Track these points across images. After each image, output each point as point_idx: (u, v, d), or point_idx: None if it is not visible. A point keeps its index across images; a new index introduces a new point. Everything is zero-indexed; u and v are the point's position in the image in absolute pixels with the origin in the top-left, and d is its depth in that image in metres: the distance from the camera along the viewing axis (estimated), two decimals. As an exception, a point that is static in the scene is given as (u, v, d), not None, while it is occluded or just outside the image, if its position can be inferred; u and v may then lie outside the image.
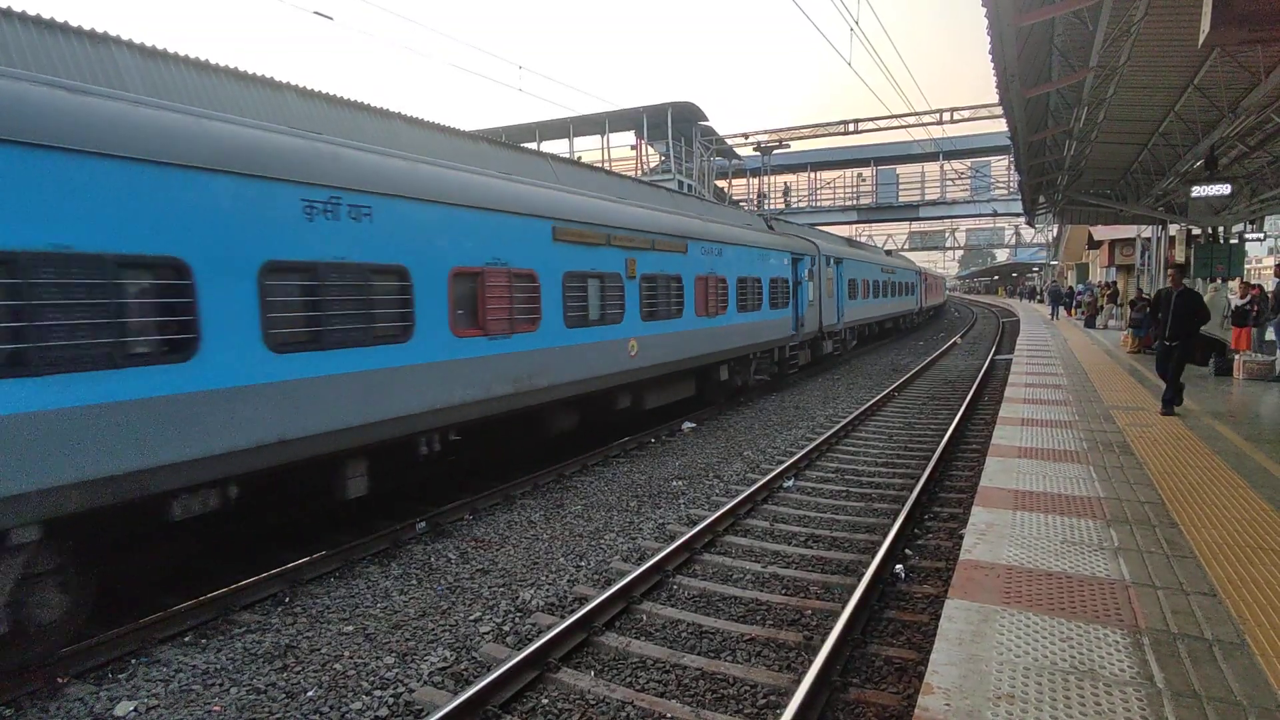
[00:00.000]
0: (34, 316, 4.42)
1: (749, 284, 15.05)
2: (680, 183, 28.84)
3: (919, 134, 32.69)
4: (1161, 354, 9.69)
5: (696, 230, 13.10)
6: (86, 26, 7.61)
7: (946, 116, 32.26)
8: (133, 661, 4.99)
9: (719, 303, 13.62)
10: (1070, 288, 39.10)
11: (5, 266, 4.31)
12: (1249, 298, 13.93)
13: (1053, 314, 32.68)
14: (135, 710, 4.38)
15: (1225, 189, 14.73)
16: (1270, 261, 44.81)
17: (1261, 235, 24.78)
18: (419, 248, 7.14)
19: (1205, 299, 14.38)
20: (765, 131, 37.14)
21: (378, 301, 6.67)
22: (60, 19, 7.41)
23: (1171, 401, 9.38)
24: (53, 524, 4.60)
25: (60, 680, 4.71)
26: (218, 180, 5.46)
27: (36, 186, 4.50)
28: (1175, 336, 9.39)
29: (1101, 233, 32.51)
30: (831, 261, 20.78)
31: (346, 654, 5.02)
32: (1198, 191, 14.77)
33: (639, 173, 30.48)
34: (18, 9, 7.13)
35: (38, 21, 7.27)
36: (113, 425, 4.79)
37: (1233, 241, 19.84)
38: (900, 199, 41.71)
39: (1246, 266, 23.33)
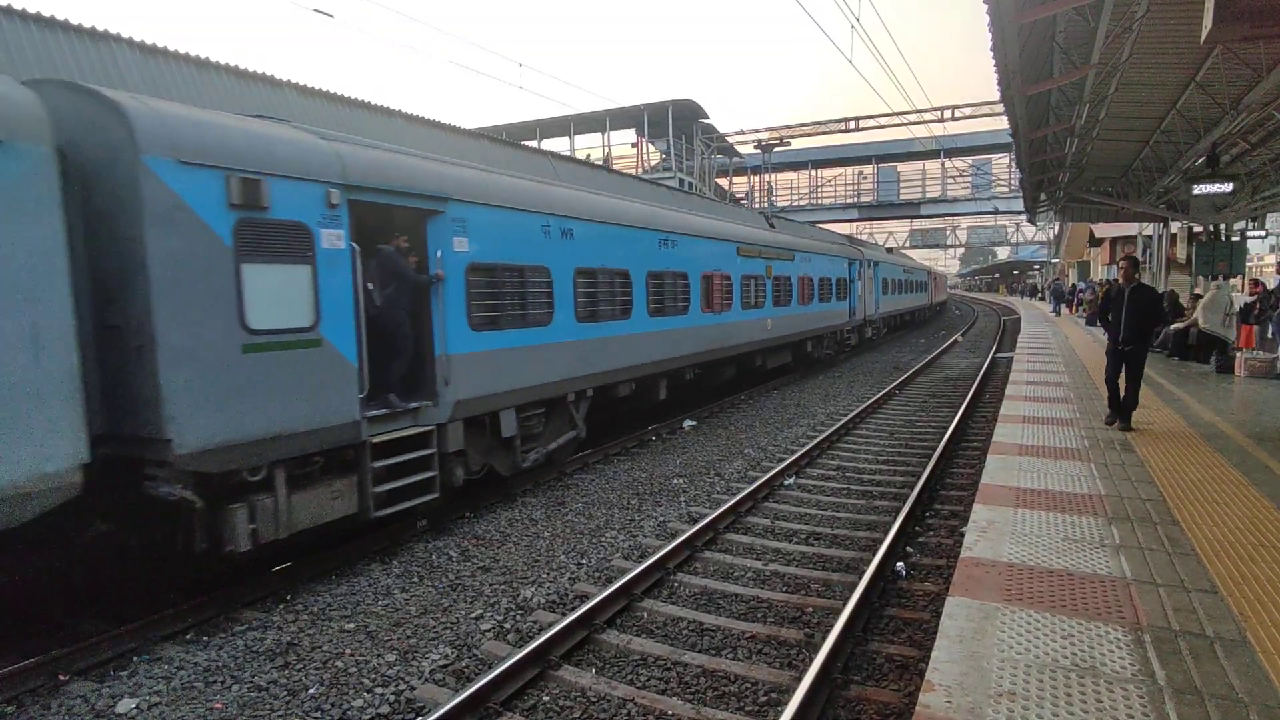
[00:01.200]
0: (501, 298, 8.02)
1: (825, 283, 20.57)
2: (681, 180, 28.81)
3: (920, 131, 32.68)
4: (1113, 360, 8.37)
5: (798, 245, 18.75)
6: (87, 25, 7.61)
7: (948, 114, 32.26)
8: (134, 659, 5.00)
9: (810, 296, 19.23)
10: (1073, 285, 39.37)
11: (486, 271, 7.79)
12: (1255, 296, 13.92)
13: (1055, 311, 34.13)
14: (137, 707, 4.38)
15: (1227, 186, 14.70)
16: (1272, 259, 44.73)
17: (1263, 233, 24.77)
18: (688, 259, 12.49)
19: (1206, 298, 14.31)
20: (766, 129, 37.16)
21: (669, 291, 11.87)
22: (61, 17, 7.41)
23: (1127, 412, 8.26)
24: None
25: (62, 678, 4.71)
26: (556, 219, 9.05)
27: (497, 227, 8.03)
28: (1129, 340, 8.14)
29: (1103, 230, 32.52)
30: (870, 265, 25.83)
31: (348, 651, 5.03)
32: (1199, 189, 14.74)
33: (639, 171, 30.45)
34: (19, 8, 7.14)
35: (39, 20, 7.28)
36: (541, 357, 8.78)
37: (1234, 239, 19.81)
38: (901, 197, 41.68)
39: (1248, 264, 23.33)
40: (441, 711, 4.02)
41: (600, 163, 24.39)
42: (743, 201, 39.22)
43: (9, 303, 4.33)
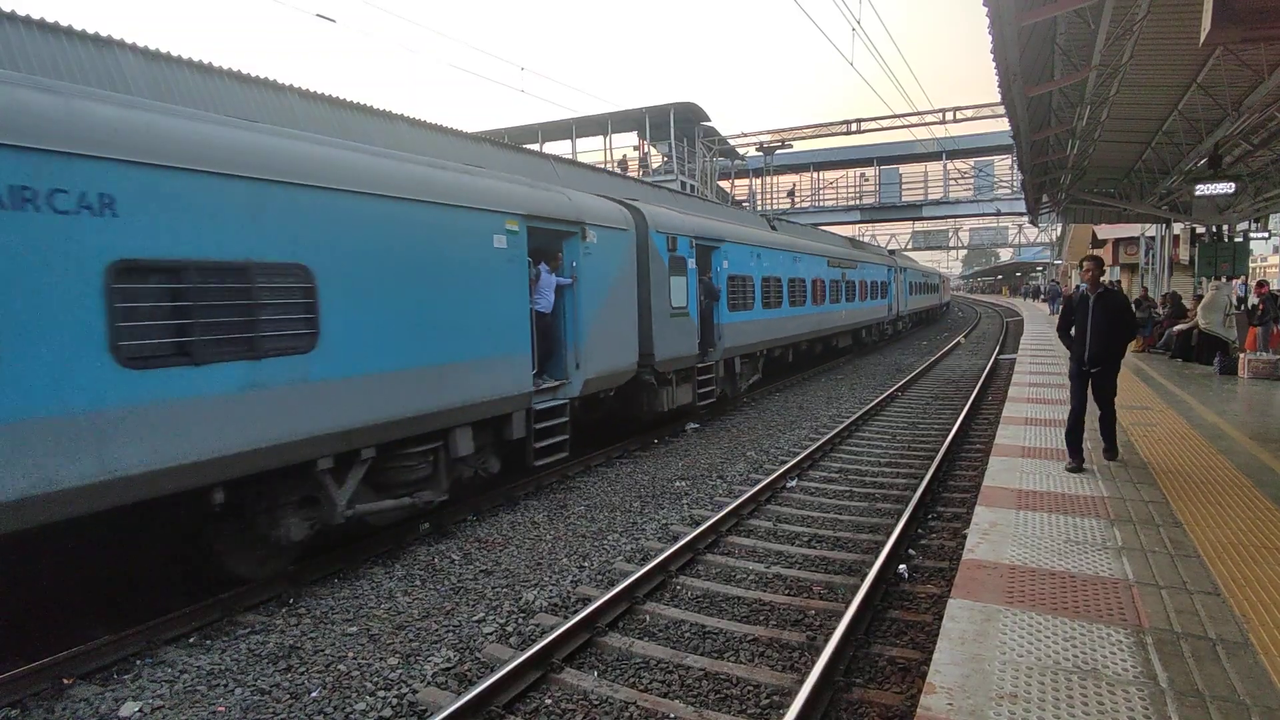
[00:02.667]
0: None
1: (873, 285, 27.22)
2: (683, 183, 28.83)
3: (922, 133, 32.65)
4: (1077, 383, 6.89)
5: (858, 256, 25.55)
6: (90, 30, 7.65)
7: (949, 116, 32.18)
8: (138, 662, 5.01)
9: (864, 295, 25.56)
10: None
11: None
12: (1261, 296, 13.89)
13: (1052, 310, 37.98)
14: (140, 711, 4.40)
15: (1229, 187, 14.69)
16: (1275, 260, 44.65)
17: (1266, 234, 24.71)
18: (806, 269, 18.79)
19: (1206, 298, 14.24)
20: (768, 131, 37.12)
21: (796, 289, 18.00)
22: (65, 23, 7.45)
23: (1110, 439, 7.03)
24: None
25: (65, 681, 4.73)
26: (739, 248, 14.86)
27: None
28: (1098, 359, 6.70)
29: (1105, 231, 32.41)
30: (902, 270, 33.74)
31: (350, 654, 5.04)
32: (1202, 190, 14.73)
33: (640, 174, 30.47)
34: (24, 14, 7.17)
35: (42, 25, 7.31)
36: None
37: (1237, 240, 19.76)
38: (903, 199, 41.64)
39: (1251, 265, 23.26)
40: (444, 715, 4.03)
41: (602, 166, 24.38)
42: (744, 205, 39.22)
43: (625, 294, 10.47)
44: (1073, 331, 6.95)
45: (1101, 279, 6.90)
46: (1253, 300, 14.18)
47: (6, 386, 4.21)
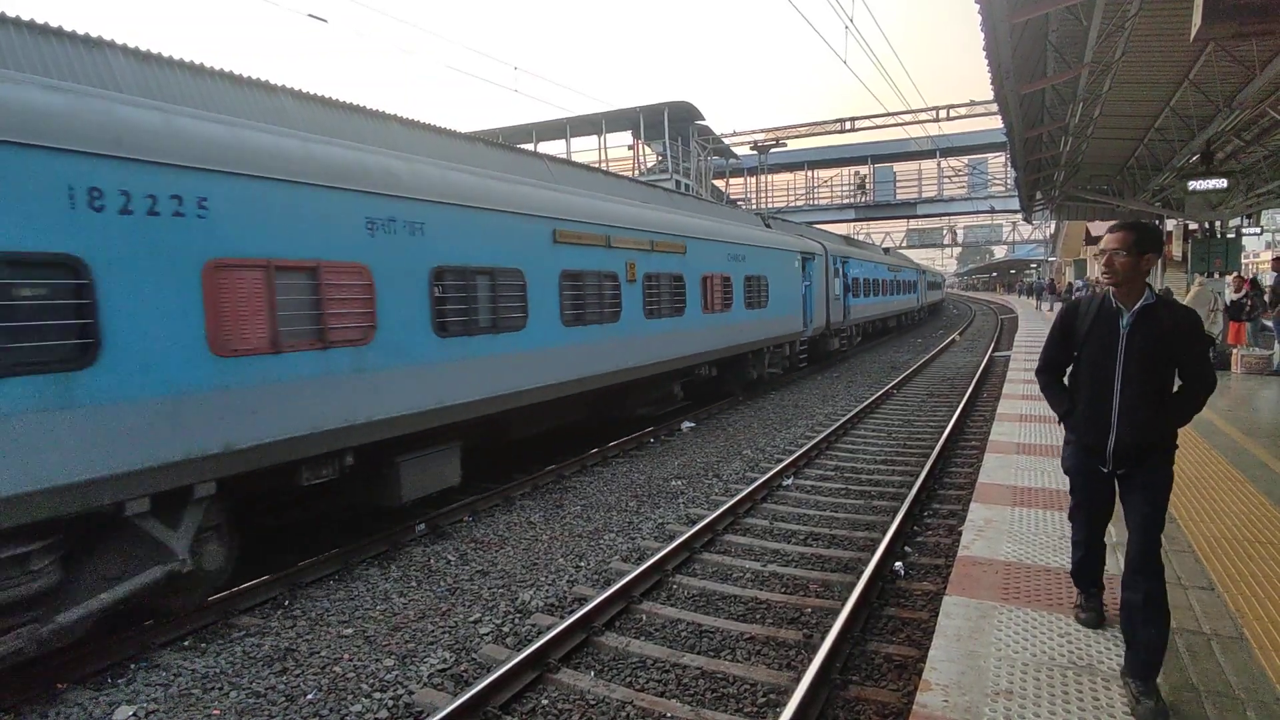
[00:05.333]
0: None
1: (908, 283, 35.82)
2: (678, 182, 28.83)
3: (915, 131, 32.72)
4: (1084, 493, 3.54)
5: (902, 262, 35.70)
6: (80, 31, 7.60)
7: (943, 114, 32.30)
8: (132, 666, 4.99)
9: (902, 290, 34.22)
10: (1070, 283, 40.19)
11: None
12: (1243, 291, 13.93)
13: (1039, 304, 42.59)
14: (135, 715, 4.37)
15: (1222, 183, 14.75)
16: (1267, 255, 44.86)
17: (1259, 229, 24.82)
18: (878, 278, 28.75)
19: (1190, 295, 13.95)
20: (762, 130, 37.17)
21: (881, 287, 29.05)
22: (56, 25, 7.41)
23: (1142, 675, 3.03)
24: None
25: (59, 686, 4.70)
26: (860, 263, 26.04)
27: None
28: (1129, 452, 3.23)
29: (1099, 228, 32.49)
30: (919, 272, 41.58)
31: (346, 656, 5.02)
32: (1194, 186, 14.79)
33: (635, 173, 30.46)
34: (13, 16, 7.13)
35: (32, 27, 7.27)
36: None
37: (1230, 236, 19.85)
38: (898, 197, 41.74)
39: (1244, 260, 23.36)
40: (440, 715, 4.02)
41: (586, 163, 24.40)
42: (739, 203, 39.25)
43: (822, 288, 20.27)
44: (1069, 377, 3.51)
45: (1143, 272, 3.19)
46: (1231, 296, 14.17)
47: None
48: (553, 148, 30.91)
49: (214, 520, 5.50)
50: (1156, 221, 22.71)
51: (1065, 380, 3.56)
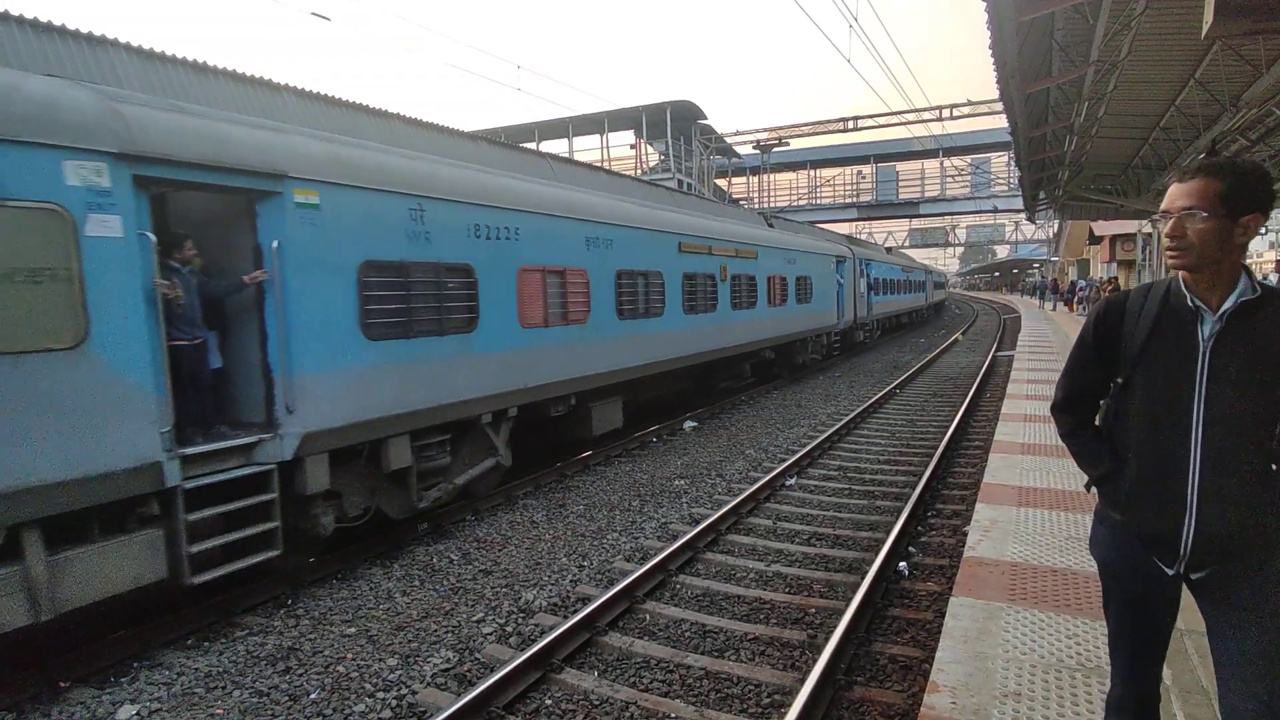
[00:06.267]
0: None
1: (918, 283, 38.98)
2: (680, 182, 28.80)
3: (919, 130, 32.66)
4: (1130, 609, 2.21)
5: (916, 265, 40.94)
6: (84, 30, 7.59)
7: (946, 113, 32.22)
8: (134, 665, 4.98)
9: (913, 290, 37.28)
10: (1073, 283, 40.18)
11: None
12: None
13: (1041, 303, 45.01)
14: (137, 714, 4.36)
15: (1227, 183, 14.63)
16: (1271, 256, 44.73)
17: (1263, 230, 24.69)
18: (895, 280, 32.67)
19: None
20: (765, 129, 37.13)
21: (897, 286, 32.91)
22: (59, 23, 7.40)
23: None
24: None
25: (62, 684, 4.69)
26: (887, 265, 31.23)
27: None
28: (1216, 547, 1.97)
29: (1102, 228, 32.44)
30: (927, 273, 45.27)
31: (349, 656, 5.01)
32: (1199, 186, 14.65)
33: (638, 172, 30.43)
34: (17, 14, 7.12)
35: (35, 25, 7.26)
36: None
37: (1234, 236, 19.75)
38: (900, 196, 41.66)
39: (1248, 261, 23.24)
40: (444, 716, 4.00)
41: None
42: (741, 203, 39.20)
43: (852, 286, 23.45)
44: (1109, 418, 2.23)
45: (1237, 246, 1.99)
46: None
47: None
48: (555, 146, 30.88)
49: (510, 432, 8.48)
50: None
51: (1100, 421, 2.26)
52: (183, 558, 4.96)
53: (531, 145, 26.39)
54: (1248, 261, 2.12)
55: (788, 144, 37.45)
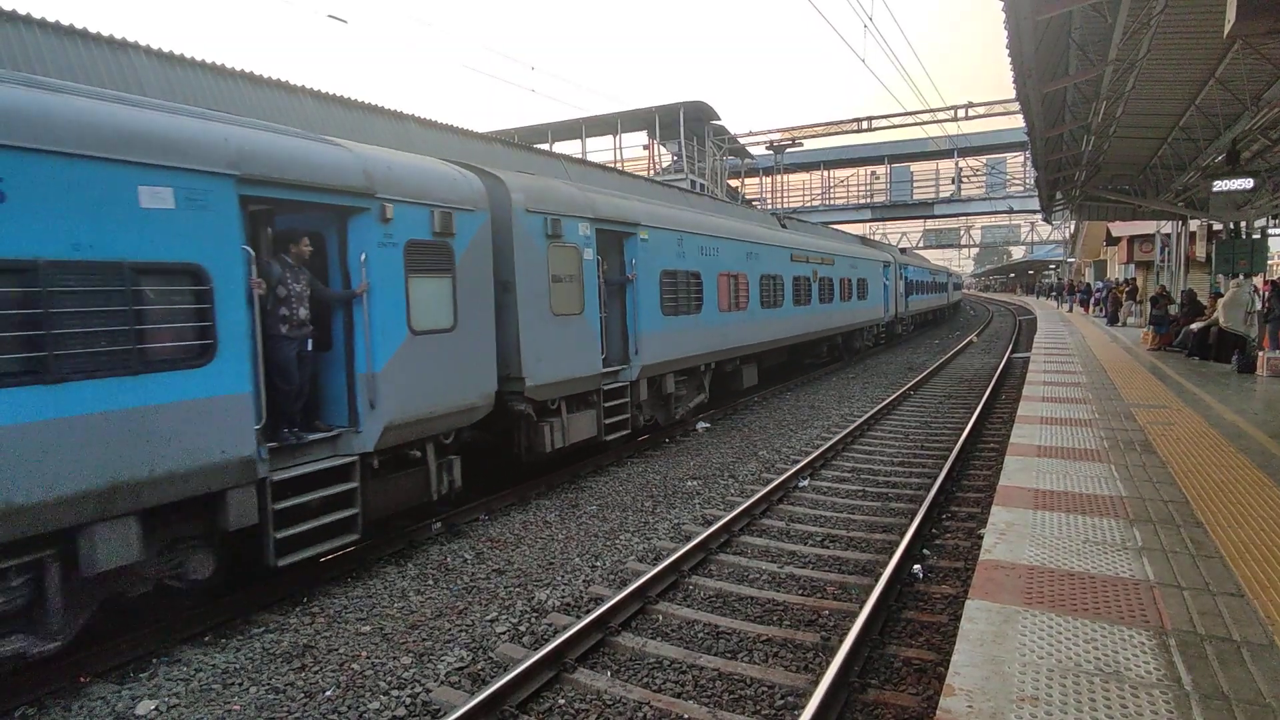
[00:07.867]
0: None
1: (941, 284, 43.81)
2: (693, 182, 28.78)
3: (934, 130, 32.46)
4: None
5: (940, 269, 46.07)
6: (105, 33, 7.70)
7: (962, 113, 32.02)
8: (154, 661, 5.04)
9: (938, 290, 42.42)
10: (1087, 284, 39.76)
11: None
12: (1265, 296, 13.69)
13: (1058, 303, 45.61)
14: (156, 709, 4.42)
15: (1248, 183, 14.45)
16: (1291, 256, 44.13)
17: None
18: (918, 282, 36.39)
19: (1227, 296, 14.00)
20: (778, 130, 37.05)
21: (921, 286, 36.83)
22: (80, 26, 7.51)
23: None
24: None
25: (82, 679, 4.76)
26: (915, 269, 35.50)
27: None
28: None
29: (1119, 229, 32.06)
30: (948, 275, 49.10)
31: (364, 654, 5.04)
32: (1219, 186, 14.49)
33: (650, 173, 30.44)
34: (39, 17, 7.23)
35: (57, 29, 7.37)
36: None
37: (1255, 237, 19.49)
38: (915, 196, 41.41)
39: (1270, 263, 22.97)
40: (458, 714, 4.02)
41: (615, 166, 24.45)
42: (755, 203, 39.12)
43: (892, 291, 28.34)
44: None
45: None
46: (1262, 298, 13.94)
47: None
48: (568, 147, 30.95)
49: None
50: (1179, 222, 22.36)
51: None
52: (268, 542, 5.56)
53: (544, 146, 26.47)
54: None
55: (801, 144, 37.37)
